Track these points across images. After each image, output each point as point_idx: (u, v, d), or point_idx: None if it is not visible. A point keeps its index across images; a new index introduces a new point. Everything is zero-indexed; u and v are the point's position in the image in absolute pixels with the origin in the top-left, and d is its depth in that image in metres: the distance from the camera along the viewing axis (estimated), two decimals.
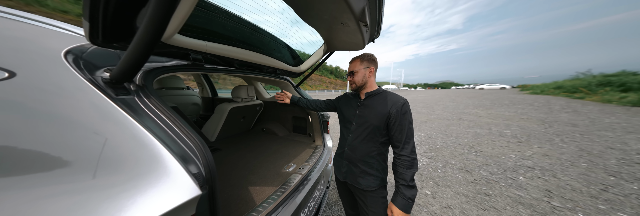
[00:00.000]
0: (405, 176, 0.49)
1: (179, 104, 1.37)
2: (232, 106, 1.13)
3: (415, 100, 9.11)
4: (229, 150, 1.09)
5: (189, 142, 0.32)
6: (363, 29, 0.56)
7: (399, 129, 0.51)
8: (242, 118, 1.33)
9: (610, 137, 2.38)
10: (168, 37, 0.40)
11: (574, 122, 3.31)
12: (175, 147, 0.30)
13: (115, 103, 0.30)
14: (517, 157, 1.83)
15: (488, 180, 1.40)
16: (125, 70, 0.30)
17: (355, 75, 0.57)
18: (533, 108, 5.13)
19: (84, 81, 0.30)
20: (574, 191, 1.22)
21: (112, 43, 0.31)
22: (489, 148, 2.12)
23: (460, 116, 4.22)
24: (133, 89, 0.35)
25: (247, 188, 0.68)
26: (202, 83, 1.94)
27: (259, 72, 0.86)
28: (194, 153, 0.31)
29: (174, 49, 0.45)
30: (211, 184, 0.31)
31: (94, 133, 0.26)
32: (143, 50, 0.26)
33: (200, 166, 0.30)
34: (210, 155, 0.33)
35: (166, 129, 0.32)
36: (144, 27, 0.24)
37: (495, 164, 1.68)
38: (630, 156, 1.79)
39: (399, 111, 0.51)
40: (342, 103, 0.66)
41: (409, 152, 0.50)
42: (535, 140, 2.36)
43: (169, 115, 0.35)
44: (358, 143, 0.57)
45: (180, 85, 1.43)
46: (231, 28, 0.61)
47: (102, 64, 0.34)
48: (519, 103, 6.50)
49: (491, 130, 2.93)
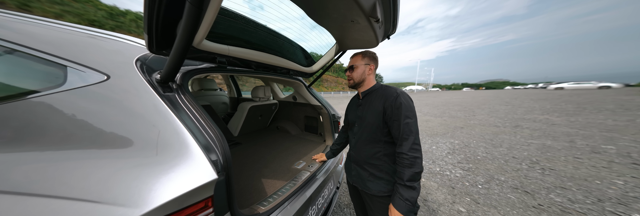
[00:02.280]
0: (403, 175, 0.45)
1: (212, 103, 1.57)
2: (251, 105, 1.28)
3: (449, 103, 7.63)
4: (247, 145, 1.21)
5: (212, 133, 0.38)
6: (375, 25, 0.55)
7: (395, 125, 0.48)
8: (260, 116, 1.47)
9: None
10: (198, 42, 0.45)
11: None
12: (201, 137, 0.36)
13: (162, 99, 0.37)
14: (628, 186, 1.21)
15: (565, 209, 1.00)
16: (169, 72, 0.38)
17: (354, 70, 0.56)
18: None
19: (145, 82, 0.38)
20: None
21: (162, 50, 0.40)
22: (568, 167, 1.51)
23: (518, 123, 3.20)
24: (175, 88, 0.42)
25: (260, 180, 0.75)
26: (229, 84, 2.27)
27: (274, 72, 0.92)
28: (214, 144, 0.37)
29: (204, 53, 0.53)
30: (227, 171, 0.36)
31: (152, 125, 0.34)
32: (180, 54, 0.33)
33: (219, 155, 0.36)
34: (227, 146, 0.38)
35: (195, 122, 0.38)
36: (180, 35, 0.30)
37: (580, 190, 1.18)
38: None
39: (392, 105, 0.49)
40: (349, 105, 0.67)
41: (408, 149, 0.45)
42: None
43: (198, 109, 0.41)
44: (362, 145, 0.56)
45: (214, 87, 1.69)
46: (249, 32, 0.66)
47: (157, 68, 0.43)
48: (637, 108, 4.31)
49: (574, 143, 2.08)
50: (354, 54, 0.58)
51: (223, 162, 0.36)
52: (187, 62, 0.57)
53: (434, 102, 8.30)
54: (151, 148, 0.33)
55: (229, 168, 0.37)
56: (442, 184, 1.33)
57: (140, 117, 0.36)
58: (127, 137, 0.35)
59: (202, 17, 0.34)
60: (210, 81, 1.68)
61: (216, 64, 0.62)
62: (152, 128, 0.35)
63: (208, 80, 1.67)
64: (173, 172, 0.31)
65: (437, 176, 1.44)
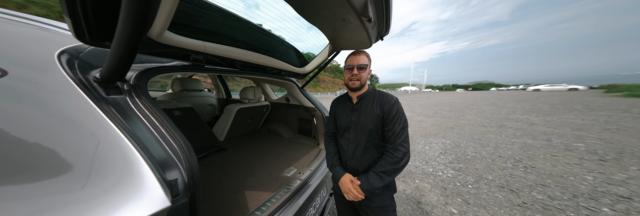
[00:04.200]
0: (381, 167, 0.48)
1: (197, 105, 1.45)
2: (240, 107, 1.18)
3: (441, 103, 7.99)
4: (234, 150, 1.11)
5: (174, 144, 0.31)
6: (367, 25, 0.52)
7: (390, 125, 0.49)
8: (250, 119, 1.38)
9: None
10: (158, 34, 0.38)
11: None
12: (157, 151, 0.29)
13: (100, 104, 0.29)
14: (597, 181, 1.33)
15: (546, 206, 1.07)
16: (112, 69, 0.29)
17: (364, 70, 0.51)
18: (629, 116, 3.69)
19: (70, 81, 0.29)
20: None
21: (104, 41, 0.30)
22: (547, 164, 1.63)
23: (502, 123, 3.42)
24: (126, 89, 0.34)
25: (243, 192, 0.67)
26: (218, 85, 2.08)
27: (263, 73, 0.86)
28: (177, 157, 0.30)
29: (172, 49, 0.44)
30: (193, 191, 0.29)
31: (76, 143, 0.24)
32: (127, 47, 0.25)
33: (183, 172, 0.29)
34: (195, 159, 0.31)
35: (153, 131, 0.31)
36: (121, 23, 0.22)
37: (558, 186, 1.27)
38: None
39: (391, 110, 0.49)
40: (338, 109, 0.61)
41: (396, 147, 0.47)
42: (633, 160, 1.67)
43: (157, 116, 0.33)
44: (361, 153, 0.52)
45: (199, 87, 1.52)
46: (230, 28, 0.59)
47: (99, 64, 0.34)
48: (601, 108, 4.81)
49: (551, 141, 2.26)
50: (358, 52, 0.52)
51: (187, 180, 0.29)
52: (148, 58, 0.48)
53: (427, 103, 8.56)
54: (75, 179, 0.23)
55: (195, 186, 0.30)
56: (435, 185, 1.35)
57: (52, 132, 0.24)
58: (30, 164, 0.22)
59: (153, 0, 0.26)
60: (194, 81, 1.52)
61: (190, 62, 0.54)
62: (76, 146, 0.24)
63: (192, 80, 1.51)
64: (102, 207, 0.22)
65: (430, 177, 1.47)
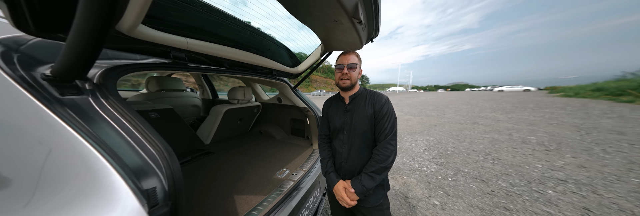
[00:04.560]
0: (371, 167, 0.48)
1: (178, 106, 1.34)
2: (228, 108, 1.12)
3: (425, 103, 8.69)
4: (222, 153, 1.05)
5: (152, 149, 0.28)
6: (358, 27, 0.52)
7: (380, 124, 0.49)
8: (239, 120, 1.31)
9: None
10: (129, 28, 0.33)
11: (620, 129, 2.82)
12: (130, 157, 0.25)
13: (51, 104, 0.24)
14: (544, 168, 1.60)
15: (508, 192, 1.24)
16: (69, 65, 0.24)
17: (354, 69, 0.50)
18: (565, 112, 4.53)
19: (6, 78, 0.24)
20: (622, 212, 1.02)
21: (56, 33, 0.26)
22: (509, 156, 1.90)
23: (475, 120, 3.89)
24: (88, 88, 0.30)
25: (233, 198, 0.63)
26: (202, 85, 1.95)
27: (253, 72, 0.82)
28: (156, 163, 0.27)
29: (148, 45, 0.40)
30: (175, 199, 0.26)
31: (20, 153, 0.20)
32: (89, 41, 0.21)
33: (163, 179, 0.26)
34: (177, 165, 0.28)
35: (124, 135, 0.27)
36: (80, 13, 0.19)
37: (517, 174, 1.49)
38: None
39: (382, 109, 0.49)
40: (330, 110, 0.60)
41: (384, 145, 0.48)
42: (568, 148, 2.06)
43: (130, 118, 0.29)
44: (355, 155, 0.52)
45: (180, 87, 1.40)
46: (216, 24, 0.55)
47: (49, 59, 0.29)
48: (547, 106, 5.81)
49: (512, 136, 2.63)
50: (348, 52, 0.52)
51: (168, 188, 0.26)
52: (118, 54, 0.43)
53: (413, 102, 9.23)
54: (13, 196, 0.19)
55: (177, 194, 0.27)
56: (420, 180, 1.46)
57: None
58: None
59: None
60: (174, 80, 1.37)
61: (171, 60, 0.49)
62: (16, 157, 0.20)
63: (171, 79, 1.36)
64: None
65: (416, 173, 1.57)
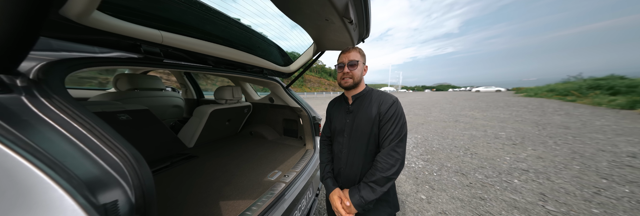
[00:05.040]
0: (371, 176, 0.42)
1: (156, 106, 1.22)
2: (214, 108, 1.05)
3: (413, 102, 9.23)
4: (207, 157, 0.98)
5: (114, 156, 0.24)
6: (349, 26, 0.51)
7: (385, 127, 0.43)
8: (227, 121, 1.24)
9: (601, 140, 2.42)
10: (79, 14, 0.28)
11: (567, 124, 3.37)
12: (81, 167, 0.21)
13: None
14: (511, 160, 1.84)
15: (483, 184, 1.39)
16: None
17: (356, 67, 0.45)
18: (527, 110, 5.24)
19: None
20: (567, 195, 1.22)
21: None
22: (484, 150, 2.13)
23: (457, 118, 4.27)
24: (20, 85, 0.24)
25: (219, 204, 0.59)
26: (185, 84, 1.82)
27: (243, 71, 0.78)
28: (119, 172, 0.23)
29: (111, 36, 0.35)
30: (144, 212, 0.23)
31: None
32: (13, 25, 0.17)
33: (129, 190, 0.23)
34: (147, 173, 0.25)
35: (75, 141, 0.22)
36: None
37: (490, 167, 1.68)
38: (620, 158, 1.81)
39: (388, 111, 0.43)
40: (333, 110, 0.55)
41: (387, 152, 0.41)
42: (529, 142, 2.39)
43: (83, 121, 0.24)
44: (355, 161, 0.47)
45: (157, 85, 1.25)
46: (198, 19, 0.50)
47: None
48: (513, 105, 6.64)
49: (486, 132, 2.96)
50: (349, 49, 0.47)
51: (136, 200, 0.23)
52: (67, 46, 0.34)
53: (403, 102, 9.72)
54: None
55: (147, 206, 0.24)
56: (409, 176, 1.55)
57: None
58: None
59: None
60: (151, 78, 1.23)
61: (141, 55, 0.44)
62: None
63: (147, 77, 1.22)
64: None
65: (406, 169, 1.67)
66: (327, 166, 0.55)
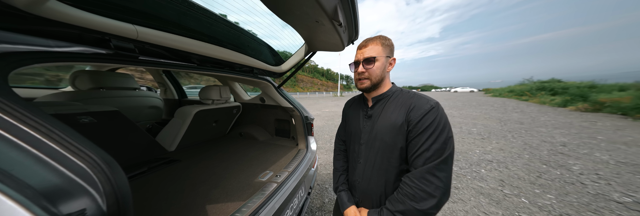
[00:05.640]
0: (396, 203, 0.32)
1: (129, 108, 1.09)
2: (199, 109, 0.98)
3: None
4: (192, 161, 0.91)
5: (79, 162, 0.21)
6: (339, 29, 0.51)
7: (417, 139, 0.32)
8: (214, 122, 1.16)
9: (544, 132, 2.98)
10: (28, 3, 0.25)
11: (521, 120, 4.05)
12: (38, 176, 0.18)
13: None
14: (480, 152, 2.14)
15: (457, 175, 1.60)
16: None
17: (374, 63, 0.35)
18: (493, 108, 6.12)
19: None
20: (519, 180, 1.50)
21: None
22: (459, 145, 2.42)
23: None
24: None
25: (205, 208, 0.55)
26: (164, 83, 1.67)
27: (231, 70, 0.74)
28: (87, 179, 0.21)
29: (73, 29, 0.31)
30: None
31: None
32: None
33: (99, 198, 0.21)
34: (122, 178, 0.23)
35: (26, 147, 0.19)
36: None
37: (464, 159, 1.93)
38: (556, 147, 2.28)
39: (422, 119, 0.31)
40: (350, 111, 0.46)
41: (420, 174, 0.30)
42: (494, 136, 2.80)
43: (36, 124, 0.21)
44: (375, 176, 0.37)
45: (129, 84, 1.11)
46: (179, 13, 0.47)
47: None
48: (483, 104, 7.65)
49: (462, 128, 3.36)
50: (369, 41, 0.37)
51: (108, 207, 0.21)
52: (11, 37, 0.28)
53: None
54: None
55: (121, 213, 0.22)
56: None
57: None
58: None
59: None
60: (121, 76, 1.09)
61: (111, 50, 0.39)
62: None
63: (116, 75, 1.07)
64: None
65: None
66: (341, 176, 0.46)
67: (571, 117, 4.26)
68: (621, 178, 1.47)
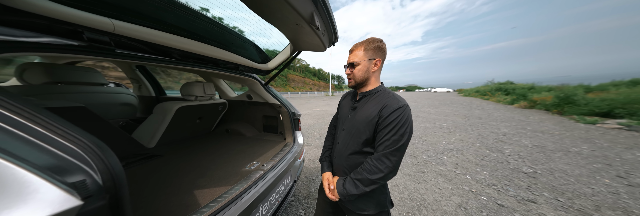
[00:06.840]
0: (357, 174, 0.42)
1: (96, 105, 1.00)
2: (181, 105, 0.94)
3: None
4: (176, 155, 0.90)
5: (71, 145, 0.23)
6: (318, 32, 0.53)
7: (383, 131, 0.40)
8: (198, 119, 1.13)
9: (494, 125, 3.72)
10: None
11: (480, 116, 4.92)
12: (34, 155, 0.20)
13: None
14: (445, 143, 2.61)
15: (425, 162, 1.97)
16: None
17: (355, 68, 0.44)
18: (462, 107, 7.16)
19: None
20: (469, 162, 1.93)
21: None
22: (431, 137, 2.89)
23: (418, 114, 5.43)
24: None
25: (193, 193, 0.56)
26: (138, 78, 1.53)
27: (215, 66, 0.73)
28: (81, 159, 0.22)
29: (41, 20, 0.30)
30: (115, 192, 0.23)
31: None
32: None
33: (94, 173, 0.22)
34: (114, 159, 0.25)
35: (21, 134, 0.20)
36: None
37: (432, 149, 2.34)
38: (499, 137, 2.91)
39: (390, 115, 0.39)
40: (343, 102, 0.56)
41: (379, 156, 0.39)
42: (458, 130, 3.39)
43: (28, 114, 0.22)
44: (346, 155, 0.47)
45: (95, 79, 1.02)
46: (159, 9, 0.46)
47: None
48: (455, 103, 8.87)
49: (435, 124, 3.94)
50: (355, 47, 0.45)
51: (103, 182, 0.23)
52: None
53: None
54: None
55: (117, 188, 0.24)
56: None
57: None
58: None
59: None
60: (84, 70, 0.98)
61: (84, 42, 0.38)
62: None
63: (76, 69, 0.97)
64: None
65: None
66: (327, 151, 0.58)
67: (515, 113, 5.23)
68: (531, 157, 2.03)
